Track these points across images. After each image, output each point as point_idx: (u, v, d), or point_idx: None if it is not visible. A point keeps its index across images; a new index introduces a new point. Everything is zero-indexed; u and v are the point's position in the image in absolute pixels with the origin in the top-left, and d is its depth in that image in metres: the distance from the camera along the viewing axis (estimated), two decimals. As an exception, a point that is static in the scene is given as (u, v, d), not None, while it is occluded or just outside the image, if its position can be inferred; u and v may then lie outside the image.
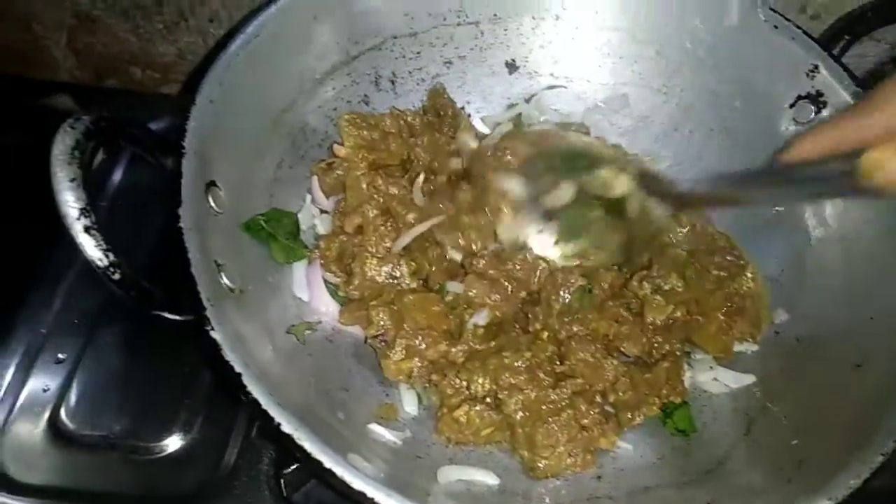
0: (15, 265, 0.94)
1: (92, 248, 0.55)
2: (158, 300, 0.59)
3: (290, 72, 0.84)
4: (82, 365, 0.87)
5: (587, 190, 0.82)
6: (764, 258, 0.86)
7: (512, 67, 0.99)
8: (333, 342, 0.79)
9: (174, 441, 0.83)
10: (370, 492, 0.54)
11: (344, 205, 0.85)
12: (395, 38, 0.93)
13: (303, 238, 0.83)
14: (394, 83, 0.95)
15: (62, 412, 0.84)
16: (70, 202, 0.54)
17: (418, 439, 0.74)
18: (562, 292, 0.79)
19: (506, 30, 0.97)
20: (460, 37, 0.96)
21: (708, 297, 0.80)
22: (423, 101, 0.97)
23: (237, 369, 0.57)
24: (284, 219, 0.80)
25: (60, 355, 0.87)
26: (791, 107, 0.86)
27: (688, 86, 0.95)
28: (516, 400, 0.72)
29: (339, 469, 0.55)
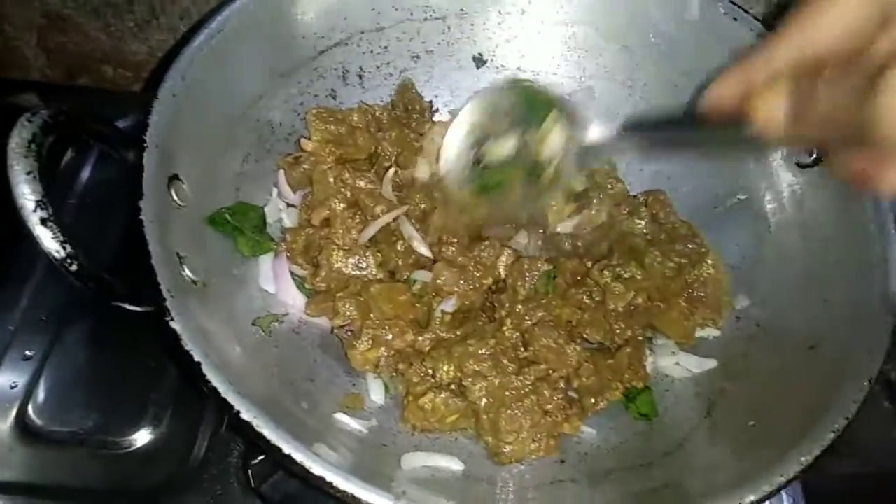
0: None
1: (49, 240, 0.55)
2: (118, 291, 0.59)
3: (256, 66, 0.84)
4: (50, 361, 0.87)
5: (527, 146, 0.74)
6: (726, 246, 0.87)
7: (479, 62, 1.00)
8: (300, 333, 0.80)
9: (143, 435, 0.83)
10: (329, 476, 0.55)
11: (311, 198, 0.86)
12: (362, 32, 0.93)
13: (269, 231, 0.84)
14: (361, 78, 0.96)
15: (30, 409, 0.84)
16: (26, 194, 0.54)
17: (384, 428, 0.75)
18: (527, 277, 0.80)
19: (472, 24, 0.98)
20: (427, 31, 0.97)
21: (668, 284, 0.82)
22: (392, 96, 0.98)
23: (196, 358, 0.57)
24: (250, 212, 0.81)
25: (28, 352, 0.87)
26: (751, 97, 0.88)
27: (651, 79, 0.96)
28: (480, 387, 0.73)
29: (299, 455, 0.56)
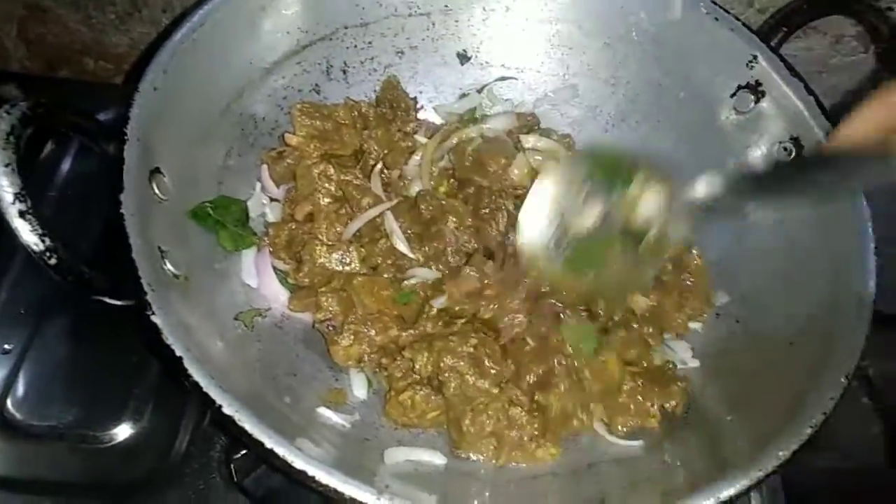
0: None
1: (27, 233, 0.54)
2: (98, 285, 0.59)
3: (239, 60, 0.84)
4: (29, 355, 0.86)
5: (613, 214, 0.68)
6: (705, 242, 0.88)
7: (464, 58, 1.00)
8: (282, 328, 0.80)
9: (124, 429, 0.82)
10: (312, 471, 0.55)
11: (294, 193, 0.86)
12: (346, 27, 0.93)
13: (252, 226, 0.83)
14: (345, 73, 0.96)
15: (9, 403, 0.82)
16: (4, 186, 0.54)
17: (367, 422, 0.75)
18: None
19: (457, 21, 0.98)
20: (412, 27, 0.97)
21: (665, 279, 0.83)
22: (376, 91, 0.98)
23: (177, 353, 0.57)
24: (233, 206, 0.80)
25: (6, 346, 0.86)
26: (732, 96, 0.89)
27: (634, 77, 0.97)
28: (456, 384, 0.73)
29: (281, 449, 0.56)
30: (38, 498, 0.78)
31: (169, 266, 0.66)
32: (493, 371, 0.74)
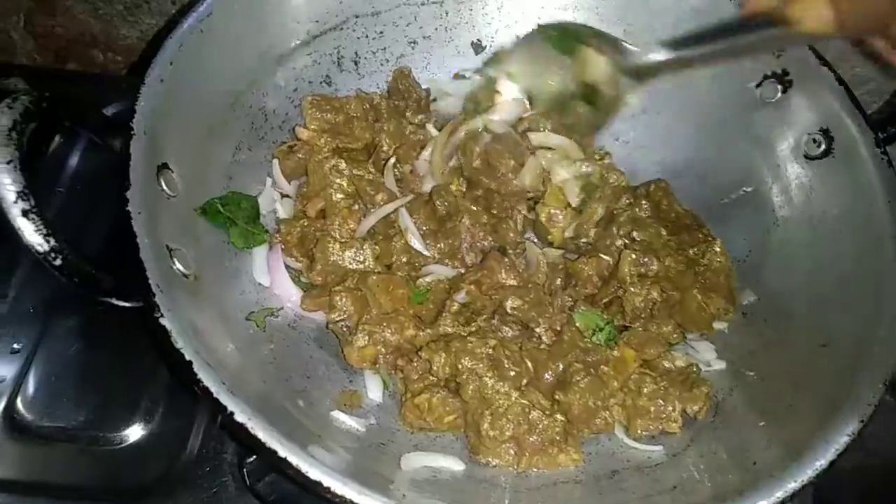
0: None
1: (31, 233, 0.52)
2: (105, 286, 0.57)
3: (248, 52, 0.82)
4: (39, 354, 0.84)
5: (569, 76, 0.83)
6: (731, 239, 0.85)
7: (478, 48, 0.97)
8: (295, 328, 0.78)
9: (135, 431, 0.80)
10: (326, 481, 0.53)
11: (306, 188, 0.83)
12: (357, 17, 0.90)
13: (263, 222, 0.81)
14: (357, 63, 0.93)
15: (19, 403, 0.81)
16: (7, 184, 0.51)
17: (383, 426, 0.73)
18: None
19: (471, 9, 0.95)
20: (424, 16, 0.94)
21: (681, 275, 0.80)
22: (388, 83, 0.95)
23: (187, 357, 0.55)
24: (243, 202, 0.78)
25: (16, 345, 0.84)
26: (758, 86, 0.86)
27: (654, 66, 0.94)
28: (474, 386, 0.71)
29: (295, 458, 0.54)
30: (46, 500, 0.76)
31: (178, 265, 0.64)
32: (512, 373, 0.72)
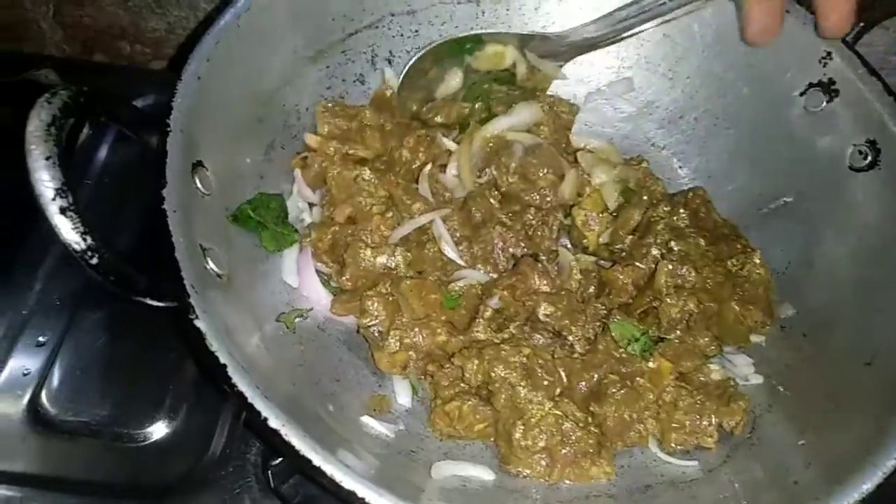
0: (-6, 244, 0.90)
1: (68, 231, 0.51)
2: (140, 286, 0.56)
3: (283, 48, 0.81)
4: (64, 348, 0.83)
5: (475, 68, 0.90)
6: (770, 250, 0.83)
7: (514, 47, 0.96)
8: (325, 330, 0.77)
9: (159, 428, 0.80)
10: (361, 491, 0.52)
11: (328, 198, 0.82)
12: (393, 15, 0.89)
13: (291, 222, 0.80)
14: (391, 63, 0.92)
15: (43, 396, 0.80)
16: (45, 181, 0.50)
17: (412, 433, 0.71)
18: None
19: (508, 9, 0.94)
20: (460, 15, 0.93)
21: (719, 287, 0.78)
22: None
23: (222, 360, 0.54)
24: (272, 202, 0.76)
25: (41, 338, 0.84)
26: (802, 95, 0.84)
27: (694, 71, 0.93)
28: (507, 395, 0.69)
29: (329, 467, 0.53)
30: (67, 496, 0.75)
31: (211, 265, 0.63)
32: (546, 382, 0.71)
